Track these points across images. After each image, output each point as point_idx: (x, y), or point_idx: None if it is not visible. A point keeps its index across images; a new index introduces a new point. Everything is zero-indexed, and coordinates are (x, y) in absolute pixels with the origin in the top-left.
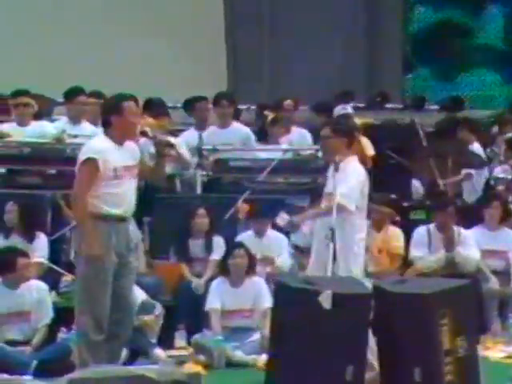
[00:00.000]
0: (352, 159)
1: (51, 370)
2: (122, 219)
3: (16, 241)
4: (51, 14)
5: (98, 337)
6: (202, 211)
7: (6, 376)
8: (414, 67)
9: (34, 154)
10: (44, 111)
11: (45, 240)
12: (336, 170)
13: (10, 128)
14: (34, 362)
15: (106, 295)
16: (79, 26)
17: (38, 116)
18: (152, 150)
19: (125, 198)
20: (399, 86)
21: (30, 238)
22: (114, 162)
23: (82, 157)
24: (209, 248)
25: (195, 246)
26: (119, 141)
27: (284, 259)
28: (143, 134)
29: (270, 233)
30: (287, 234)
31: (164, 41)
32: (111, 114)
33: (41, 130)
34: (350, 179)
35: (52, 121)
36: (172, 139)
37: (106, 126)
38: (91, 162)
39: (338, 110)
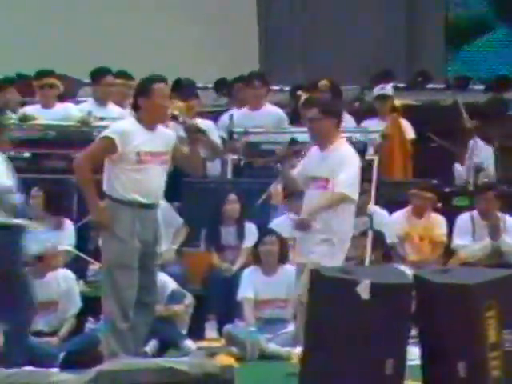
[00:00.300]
0: (342, 142)
1: (79, 361)
2: (146, 207)
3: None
4: None
5: (123, 324)
6: (233, 197)
7: (32, 368)
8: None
9: (59, 137)
10: (69, 92)
11: (71, 227)
12: (323, 152)
13: (34, 110)
14: (62, 354)
15: (130, 282)
16: (107, 4)
17: (62, 98)
18: (182, 134)
19: (149, 186)
20: (442, 64)
21: (58, 225)
22: (138, 146)
23: (103, 133)
24: (241, 235)
25: (226, 233)
26: (149, 125)
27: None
28: (173, 117)
29: None
30: None
31: (195, 20)
32: (140, 97)
33: (66, 113)
34: (349, 166)
35: (77, 103)
36: (202, 125)
37: (136, 108)
38: (107, 140)
39: (377, 90)
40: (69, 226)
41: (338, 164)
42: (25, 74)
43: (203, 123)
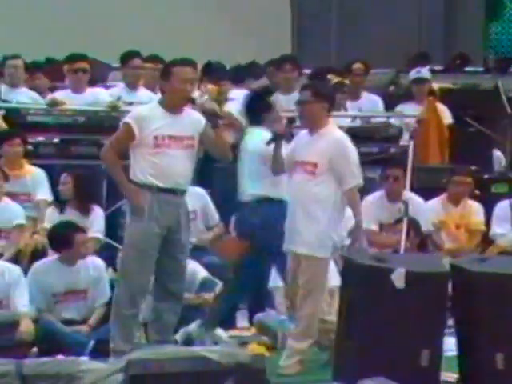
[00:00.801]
0: (333, 126)
1: (109, 350)
2: (166, 191)
3: (71, 215)
4: None
5: (128, 311)
6: None
7: (62, 357)
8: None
9: (89, 122)
10: (98, 77)
11: (101, 213)
12: (312, 136)
13: (64, 95)
14: (91, 342)
15: (142, 267)
16: None
17: (92, 82)
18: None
19: (169, 170)
20: (481, 46)
21: (86, 212)
22: (157, 130)
23: (123, 119)
24: None
25: None
26: (171, 108)
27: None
28: (190, 101)
29: None
30: None
31: (226, 6)
32: (161, 80)
33: (96, 98)
34: (349, 155)
35: (107, 87)
36: (224, 107)
37: (162, 92)
38: (125, 126)
39: (413, 73)
40: (98, 212)
41: (331, 150)
42: (52, 57)
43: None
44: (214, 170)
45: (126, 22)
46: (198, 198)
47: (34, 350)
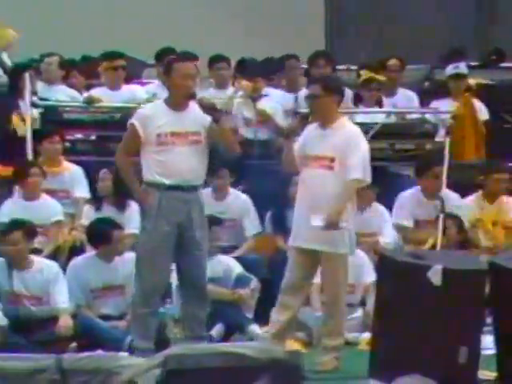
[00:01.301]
0: (345, 119)
1: None
2: (174, 188)
3: (107, 211)
4: None
5: (142, 310)
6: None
7: (101, 352)
8: None
9: (126, 119)
10: (134, 74)
11: (137, 209)
12: (325, 130)
13: (100, 92)
14: (129, 338)
15: (154, 266)
16: None
17: (127, 79)
18: (246, 113)
19: (174, 167)
20: None
21: (122, 208)
22: (160, 127)
23: (129, 120)
24: None
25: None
26: (175, 105)
27: (387, 234)
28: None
29: (374, 206)
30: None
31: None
32: (164, 76)
33: (132, 95)
34: (358, 148)
35: (142, 84)
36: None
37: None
38: (130, 126)
39: (450, 69)
40: (134, 208)
41: (345, 143)
42: (88, 55)
43: (268, 105)
44: (247, 166)
45: (161, 19)
46: (239, 206)
47: (73, 345)
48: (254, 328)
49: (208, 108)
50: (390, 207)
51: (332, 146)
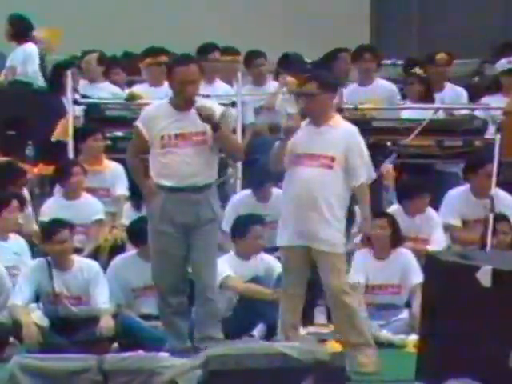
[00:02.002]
0: (340, 118)
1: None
2: (179, 190)
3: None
4: None
5: (164, 310)
6: None
7: (142, 352)
8: None
9: None
10: None
11: None
12: (320, 128)
13: (142, 89)
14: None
15: (165, 269)
16: None
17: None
18: (289, 109)
19: (178, 169)
20: None
21: (138, 208)
22: (163, 129)
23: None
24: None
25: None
26: (179, 106)
27: (437, 241)
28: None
29: (427, 211)
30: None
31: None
32: (167, 77)
33: None
34: (362, 148)
35: None
36: (221, 110)
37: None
38: (135, 129)
39: (502, 64)
40: None
41: (346, 142)
42: (130, 51)
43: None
44: None
45: (201, 16)
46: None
47: (115, 345)
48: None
49: (205, 118)
50: (436, 206)
51: (332, 145)
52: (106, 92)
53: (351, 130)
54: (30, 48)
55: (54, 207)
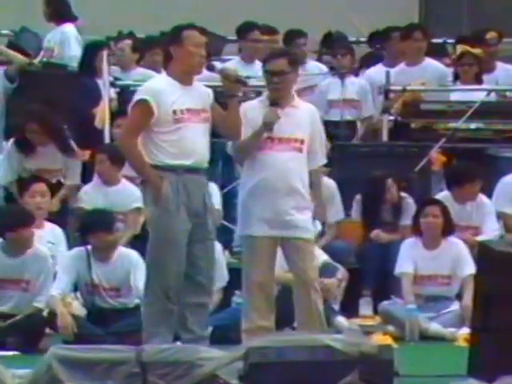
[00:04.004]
0: (297, 98)
1: (227, 337)
2: (191, 171)
3: None
4: None
5: (165, 306)
6: (390, 183)
7: (181, 344)
8: None
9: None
10: (214, 50)
11: (217, 193)
12: (284, 109)
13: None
14: (209, 328)
15: (175, 259)
16: None
17: (207, 56)
18: (331, 94)
19: (190, 146)
20: None
21: None
22: (174, 103)
23: (135, 97)
24: (398, 211)
25: (382, 209)
26: (183, 78)
27: (489, 230)
28: (210, 67)
29: (479, 198)
30: None
31: None
32: (171, 45)
33: (209, 72)
34: (320, 128)
35: (223, 61)
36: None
37: (167, 61)
38: (143, 104)
39: None
40: (215, 191)
41: (310, 124)
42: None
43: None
44: (334, 147)
45: None
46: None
47: None
48: (341, 320)
49: (232, 80)
50: (489, 193)
51: (298, 127)
52: (139, 77)
53: (313, 110)
54: (68, 29)
55: (91, 193)
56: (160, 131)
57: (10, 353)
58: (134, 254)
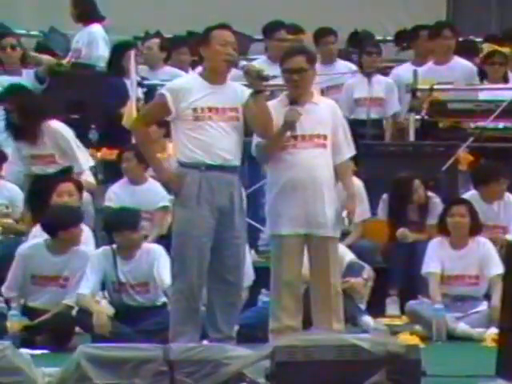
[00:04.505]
0: (317, 93)
1: (253, 335)
2: (214, 168)
3: None
4: None
5: (189, 304)
6: (417, 183)
7: (206, 343)
8: None
9: None
10: (240, 49)
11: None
12: (304, 105)
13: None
14: (235, 327)
15: (196, 255)
16: None
17: None
18: (357, 93)
19: (213, 145)
20: None
21: None
22: (196, 101)
23: (159, 90)
24: (424, 210)
25: (409, 208)
26: (212, 77)
27: None
28: (233, 64)
29: (506, 197)
30: None
31: None
32: (200, 47)
33: (234, 71)
34: (345, 123)
35: (249, 60)
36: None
37: (201, 61)
38: (160, 98)
39: None
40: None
41: (332, 119)
42: (195, 31)
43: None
44: (360, 146)
45: None
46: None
47: None
48: (367, 319)
49: (255, 76)
50: None
51: (320, 123)
52: (168, 77)
53: (333, 105)
54: (95, 29)
55: (119, 192)
56: (183, 128)
57: (40, 351)
58: (156, 247)
